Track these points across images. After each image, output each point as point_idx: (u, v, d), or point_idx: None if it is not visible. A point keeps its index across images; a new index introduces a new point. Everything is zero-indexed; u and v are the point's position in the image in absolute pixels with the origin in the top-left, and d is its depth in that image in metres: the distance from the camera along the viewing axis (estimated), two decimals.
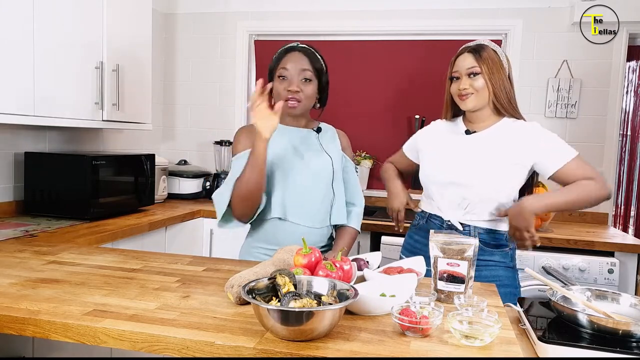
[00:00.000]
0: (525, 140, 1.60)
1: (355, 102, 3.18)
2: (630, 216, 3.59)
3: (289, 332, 0.91)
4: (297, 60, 1.62)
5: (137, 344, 0.96)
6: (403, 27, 3.13)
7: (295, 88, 1.60)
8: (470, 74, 1.60)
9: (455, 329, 0.97)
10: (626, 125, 3.43)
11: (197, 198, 3.22)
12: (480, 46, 1.63)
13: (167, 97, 3.52)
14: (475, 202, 1.62)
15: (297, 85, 1.60)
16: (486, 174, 1.60)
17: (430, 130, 1.81)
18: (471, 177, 1.61)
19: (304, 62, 1.62)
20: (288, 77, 1.61)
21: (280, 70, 1.62)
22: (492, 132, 1.65)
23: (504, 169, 1.60)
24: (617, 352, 1.00)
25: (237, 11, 3.35)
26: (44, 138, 2.51)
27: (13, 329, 1.02)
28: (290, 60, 1.62)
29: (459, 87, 1.62)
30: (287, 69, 1.61)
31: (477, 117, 1.66)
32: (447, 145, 1.70)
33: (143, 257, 1.55)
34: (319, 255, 1.22)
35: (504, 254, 1.66)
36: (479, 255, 1.59)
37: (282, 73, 1.62)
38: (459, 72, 1.62)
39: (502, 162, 1.60)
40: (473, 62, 1.60)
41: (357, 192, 1.80)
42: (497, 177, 1.60)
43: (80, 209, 2.25)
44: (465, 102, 1.62)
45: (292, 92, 1.60)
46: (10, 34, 1.90)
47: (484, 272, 1.61)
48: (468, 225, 1.64)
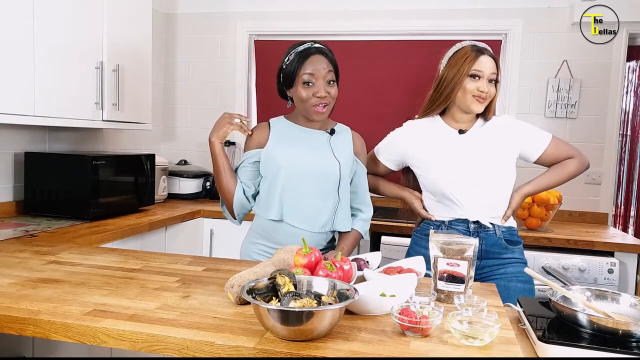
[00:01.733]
0: (507, 134, 1.71)
1: (355, 102, 3.18)
2: (630, 216, 3.59)
3: (289, 332, 0.91)
4: (319, 63, 1.58)
5: (137, 344, 0.96)
6: (403, 27, 3.13)
7: (323, 94, 1.58)
8: (491, 79, 1.64)
9: (455, 329, 0.97)
10: (626, 125, 3.43)
11: (197, 198, 3.22)
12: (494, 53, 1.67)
13: (167, 97, 3.52)
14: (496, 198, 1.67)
15: (324, 90, 1.58)
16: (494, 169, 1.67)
17: (410, 134, 1.76)
18: (484, 174, 1.66)
19: (326, 64, 1.59)
20: (314, 82, 1.58)
21: (304, 76, 1.58)
22: (478, 131, 1.71)
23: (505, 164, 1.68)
24: (617, 352, 1.00)
25: (237, 11, 3.35)
26: (44, 138, 2.51)
27: (13, 329, 1.03)
28: (313, 65, 1.58)
29: (481, 88, 1.61)
30: (312, 74, 1.57)
31: (468, 117, 1.70)
32: (447, 147, 1.69)
33: (143, 257, 1.55)
34: (319, 255, 1.22)
35: (520, 251, 1.73)
36: (502, 254, 1.68)
37: (307, 79, 1.58)
38: (484, 72, 1.62)
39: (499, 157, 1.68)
40: (494, 68, 1.64)
41: (366, 198, 1.77)
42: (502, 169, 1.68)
43: (80, 209, 2.25)
44: (480, 104, 1.64)
45: (321, 98, 1.58)
46: (10, 34, 1.90)
47: (510, 268, 1.67)
48: (492, 224, 1.68)
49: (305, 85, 1.58)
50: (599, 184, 2.92)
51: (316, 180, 1.62)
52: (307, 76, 1.58)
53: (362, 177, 1.75)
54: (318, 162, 1.64)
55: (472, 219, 1.67)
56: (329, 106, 1.61)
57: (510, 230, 1.72)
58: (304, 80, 1.58)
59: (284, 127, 1.69)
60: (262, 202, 1.67)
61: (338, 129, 1.72)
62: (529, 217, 2.55)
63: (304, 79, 1.58)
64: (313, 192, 1.63)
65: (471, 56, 1.62)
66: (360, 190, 1.75)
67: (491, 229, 1.68)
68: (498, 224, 1.69)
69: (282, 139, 1.66)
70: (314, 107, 1.59)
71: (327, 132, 1.69)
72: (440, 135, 1.71)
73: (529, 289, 1.67)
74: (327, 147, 1.66)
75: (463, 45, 1.68)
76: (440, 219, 1.72)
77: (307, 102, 1.59)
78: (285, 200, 1.62)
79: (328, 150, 1.66)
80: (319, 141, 1.67)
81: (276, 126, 1.70)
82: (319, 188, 1.63)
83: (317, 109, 1.59)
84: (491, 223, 1.68)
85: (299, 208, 1.63)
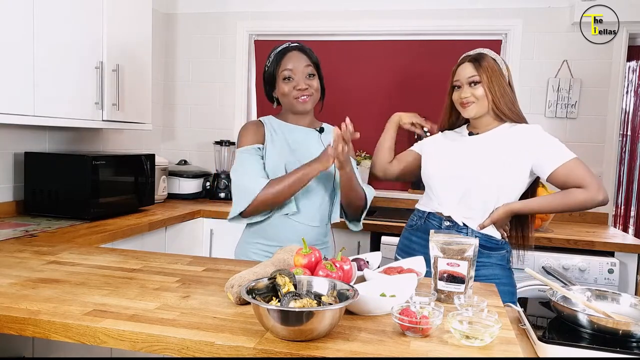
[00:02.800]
0: (525, 142, 1.62)
1: (355, 102, 3.18)
2: (630, 216, 3.59)
3: (289, 332, 0.91)
4: (297, 58, 1.66)
5: (137, 344, 0.96)
6: (403, 27, 3.13)
7: (303, 86, 1.64)
8: (471, 82, 1.65)
9: (455, 329, 0.97)
10: (626, 125, 3.43)
11: (197, 198, 3.21)
12: (480, 55, 1.67)
13: (167, 97, 3.52)
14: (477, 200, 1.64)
15: (304, 82, 1.64)
16: (487, 170, 1.62)
17: (436, 136, 1.85)
18: (472, 171, 1.64)
19: (304, 59, 1.66)
20: (293, 76, 1.65)
21: (284, 72, 1.65)
22: (494, 133, 1.68)
23: (504, 169, 1.61)
24: (617, 352, 1.00)
25: (237, 11, 3.35)
26: (44, 138, 2.50)
27: (13, 329, 1.02)
28: (291, 60, 1.65)
29: (461, 95, 1.67)
30: (291, 69, 1.64)
31: (479, 123, 1.71)
32: (450, 144, 1.75)
33: (143, 257, 1.55)
34: (319, 255, 1.22)
35: (500, 256, 1.69)
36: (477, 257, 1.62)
37: (286, 74, 1.65)
38: (460, 81, 1.67)
39: (503, 162, 1.62)
40: (473, 71, 1.65)
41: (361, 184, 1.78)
42: (498, 175, 1.61)
43: (80, 209, 2.25)
44: (467, 109, 1.67)
45: (302, 90, 1.65)
46: (10, 34, 1.90)
47: (482, 270, 1.63)
48: (466, 226, 1.65)
49: (285, 80, 1.65)
50: None
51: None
52: (286, 72, 1.65)
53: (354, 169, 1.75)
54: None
55: (445, 214, 1.69)
56: (312, 98, 1.67)
57: (488, 237, 1.65)
58: (284, 77, 1.65)
59: (276, 125, 1.73)
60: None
61: (326, 128, 1.78)
62: None
63: (284, 75, 1.65)
64: (315, 186, 1.67)
65: (453, 71, 1.71)
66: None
67: (464, 230, 1.65)
68: (473, 228, 1.65)
69: (276, 138, 1.70)
70: (295, 99, 1.66)
71: (317, 130, 1.75)
72: (453, 136, 1.78)
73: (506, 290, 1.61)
74: (319, 144, 1.71)
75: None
76: (422, 209, 1.77)
77: (288, 95, 1.66)
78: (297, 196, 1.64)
79: (321, 147, 1.69)
80: (311, 138, 1.72)
81: (268, 125, 1.73)
82: (317, 183, 1.67)
83: (299, 99, 1.65)
84: (465, 224, 1.66)
85: (302, 204, 1.67)
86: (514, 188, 1.64)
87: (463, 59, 1.70)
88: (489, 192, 1.62)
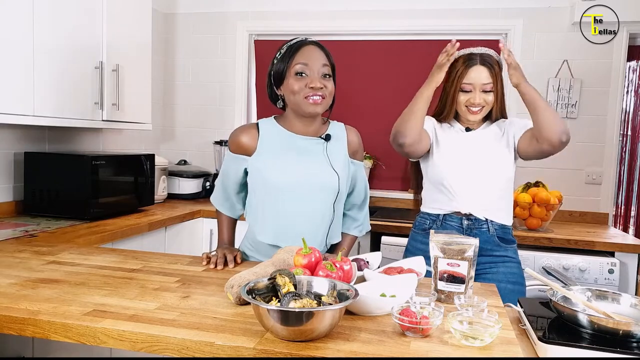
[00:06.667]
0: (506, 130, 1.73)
1: (356, 102, 3.18)
2: (630, 216, 3.59)
3: (289, 332, 0.91)
4: (315, 54, 1.45)
5: (136, 344, 0.96)
6: (403, 27, 3.13)
7: (318, 84, 1.42)
8: (485, 90, 1.64)
9: (455, 329, 0.97)
10: (626, 125, 3.44)
11: (197, 198, 3.21)
12: (490, 58, 1.66)
13: (167, 97, 3.52)
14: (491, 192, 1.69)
15: (319, 81, 1.43)
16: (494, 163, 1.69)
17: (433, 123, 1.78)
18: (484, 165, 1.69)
19: (322, 57, 1.46)
20: (308, 73, 1.43)
21: (297, 66, 1.43)
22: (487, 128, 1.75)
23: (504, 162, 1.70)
24: (617, 352, 1.00)
25: (237, 11, 3.35)
26: (44, 138, 2.50)
27: (13, 329, 1.02)
28: (308, 55, 1.44)
29: (474, 101, 1.65)
30: (306, 63, 1.43)
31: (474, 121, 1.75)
32: (454, 142, 1.75)
33: (143, 257, 1.55)
34: (319, 255, 1.22)
35: (513, 250, 1.74)
36: (495, 251, 1.70)
37: (300, 69, 1.43)
38: (473, 85, 1.64)
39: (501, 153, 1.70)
40: (489, 77, 1.63)
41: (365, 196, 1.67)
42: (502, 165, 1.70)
43: (80, 209, 2.25)
44: (476, 115, 1.68)
45: (315, 89, 1.42)
46: (10, 34, 1.90)
47: (501, 268, 1.67)
48: (486, 219, 1.69)
49: (297, 75, 1.43)
50: (599, 184, 2.92)
51: (312, 195, 1.49)
52: (300, 66, 1.43)
53: (361, 176, 1.64)
54: (316, 175, 1.50)
55: (465, 211, 1.69)
56: (325, 101, 1.45)
57: (503, 228, 1.72)
58: (296, 71, 1.43)
59: (274, 133, 1.53)
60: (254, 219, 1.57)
61: (332, 131, 1.56)
62: (529, 217, 2.54)
63: (296, 69, 1.43)
64: (309, 210, 1.50)
65: (461, 69, 1.65)
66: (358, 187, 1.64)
67: (484, 225, 1.69)
68: (492, 220, 1.69)
69: (272, 149, 1.50)
70: (306, 98, 1.43)
71: (322, 138, 1.53)
72: (450, 132, 1.77)
73: (518, 290, 1.67)
74: (323, 158, 1.51)
75: (460, 55, 1.67)
76: (435, 213, 1.75)
77: (299, 93, 1.43)
78: (280, 222, 1.51)
79: (325, 161, 1.51)
80: (313, 151, 1.51)
81: (265, 131, 1.53)
82: (314, 204, 1.50)
83: (310, 99, 1.43)
84: (485, 218, 1.70)
85: (294, 232, 1.48)
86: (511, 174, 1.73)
87: (472, 60, 1.64)
88: (500, 182, 1.69)
